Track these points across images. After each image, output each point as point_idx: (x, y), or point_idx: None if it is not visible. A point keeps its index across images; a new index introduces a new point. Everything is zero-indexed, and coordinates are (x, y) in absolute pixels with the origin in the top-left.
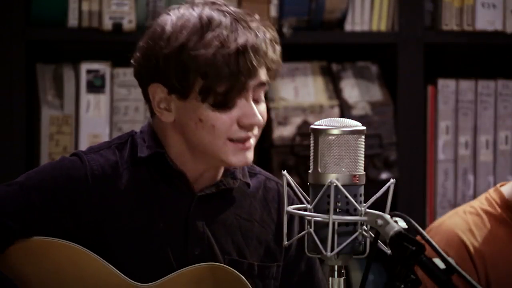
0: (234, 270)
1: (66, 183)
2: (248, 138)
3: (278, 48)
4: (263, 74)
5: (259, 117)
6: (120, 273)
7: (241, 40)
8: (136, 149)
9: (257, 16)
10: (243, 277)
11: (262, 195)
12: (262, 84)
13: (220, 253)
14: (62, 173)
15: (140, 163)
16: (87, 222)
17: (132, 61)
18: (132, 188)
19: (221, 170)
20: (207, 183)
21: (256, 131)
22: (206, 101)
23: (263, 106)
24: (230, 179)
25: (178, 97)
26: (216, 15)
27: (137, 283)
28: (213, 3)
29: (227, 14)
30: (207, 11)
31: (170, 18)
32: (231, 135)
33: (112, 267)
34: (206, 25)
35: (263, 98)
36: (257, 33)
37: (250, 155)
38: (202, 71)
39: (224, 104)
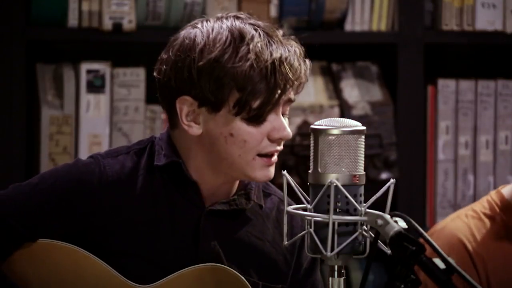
0: (234, 271)
1: (77, 187)
2: (275, 152)
3: (308, 63)
4: (293, 90)
5: (289, 130)
6: (121, 275)
7: (276, 54)
8: (153, 156)
9: (281, 31)
10: (243, 277)
11: (275, 216)
12: (290, 100)
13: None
14: (75, 177)
15: (156, 171)
16: (95, 227)
17: (155, 73)
18: (144, 195)
19: (236, 185)
20: (220, 198)
21: (282, 146)
22: (239, 115)
23: (287, 121)
24: (244, 200)
25: (208, 110)
26: (247, 29)
27: (138, 284)
28: (238, 17)
29: (257, 28)
30: (237, 25)
31: (199, 31)
32: (261, 150)
33: (112, 269)
34: (238, 38)
35: (287, 112)
36: (289, 48)
37: (273, 170)
38: (239, 85)
39: (257, 118)
